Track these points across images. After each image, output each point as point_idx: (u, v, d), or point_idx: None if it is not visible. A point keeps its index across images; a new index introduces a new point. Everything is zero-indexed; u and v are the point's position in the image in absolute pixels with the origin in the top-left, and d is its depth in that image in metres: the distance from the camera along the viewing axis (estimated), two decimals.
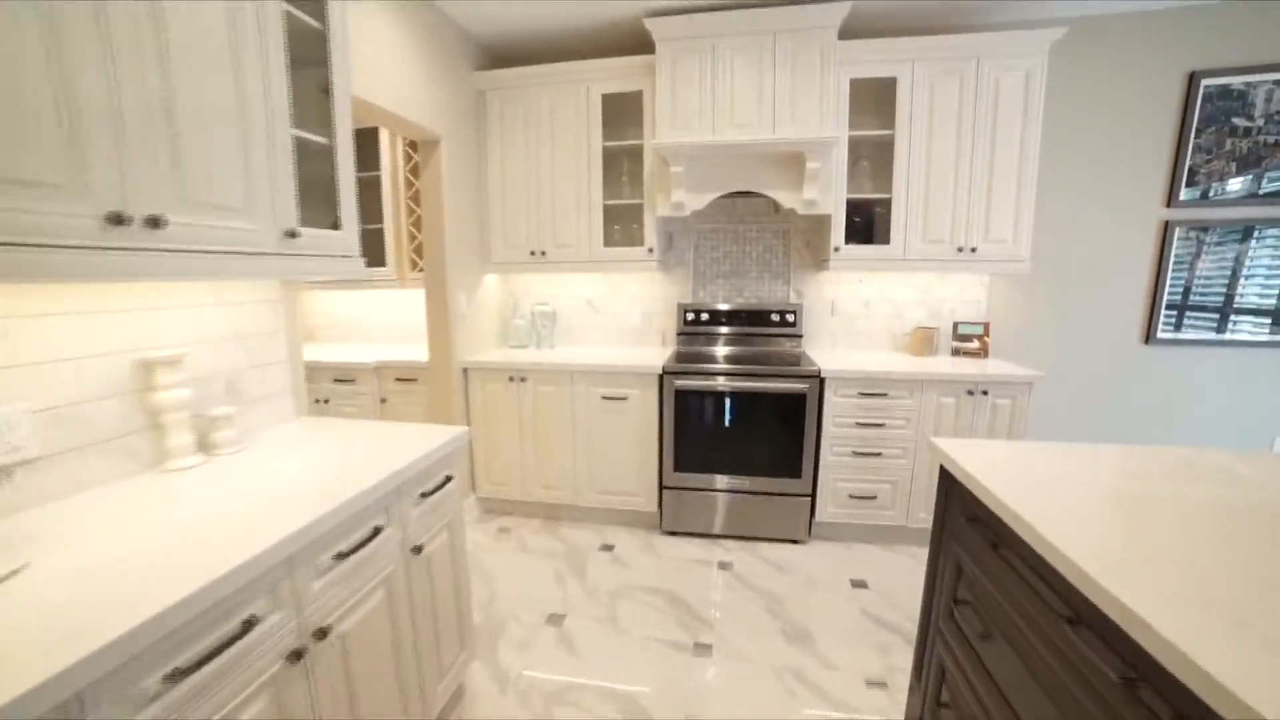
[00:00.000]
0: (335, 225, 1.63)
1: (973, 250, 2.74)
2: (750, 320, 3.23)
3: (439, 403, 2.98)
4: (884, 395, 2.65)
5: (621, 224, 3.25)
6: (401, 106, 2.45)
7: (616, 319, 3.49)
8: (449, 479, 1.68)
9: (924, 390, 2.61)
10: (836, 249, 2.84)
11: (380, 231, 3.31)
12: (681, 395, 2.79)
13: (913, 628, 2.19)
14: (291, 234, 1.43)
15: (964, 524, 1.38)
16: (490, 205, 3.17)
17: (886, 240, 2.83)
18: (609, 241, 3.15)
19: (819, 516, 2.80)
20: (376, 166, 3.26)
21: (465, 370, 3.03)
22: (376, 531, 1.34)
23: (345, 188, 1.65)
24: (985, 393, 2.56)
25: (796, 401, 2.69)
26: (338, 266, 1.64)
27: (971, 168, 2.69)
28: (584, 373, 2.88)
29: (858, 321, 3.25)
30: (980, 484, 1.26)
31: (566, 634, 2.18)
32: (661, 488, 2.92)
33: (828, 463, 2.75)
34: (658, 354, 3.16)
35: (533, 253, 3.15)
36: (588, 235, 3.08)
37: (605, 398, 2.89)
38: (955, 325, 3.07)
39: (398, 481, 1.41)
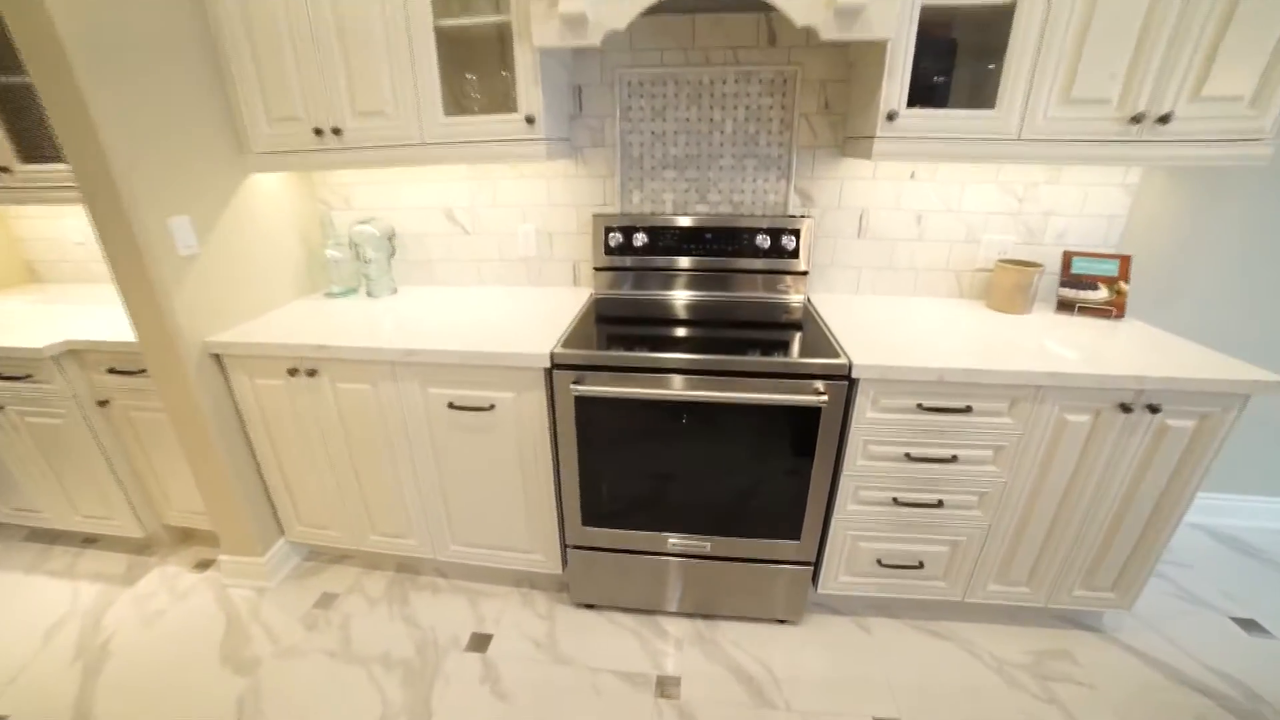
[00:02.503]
0: None
1: (1161, 120, 1.34)
2: (719, 245, 1.85)
3: (178, 410, 1.66)
4: (965, 410, 1.41)
5: (476, 69, 1.70)
6: None
7: (497, 242, 2.05)
8: None
9: (1041, 401, 1.38)
10: (891, 115, 1.42)
11: (29, 90, 1.73)
12: (587, 407, 1.52)
13: None
14: None
15: None
16: (224, 38, 1.59)
17: (989, 101, 1.40)
18: (454, 105, 1.64)
19: (823, 586, 1.69)
20: None
21: (218, 357, 1.69)
22: None
23: None
24: (1155, 409, 1.34)
25: (803, 420, 1.45)
26: None
27: None
28: (410, 364, 1.55)
29: (901, 248, 1.89)
30: None
31: None
32: (565, 546, 1.77)
33: (847, 514, 1.57)
34: (565, 302, 1.81)
35: (318, 131, 1.65)
36: (412, 94, 1.57)
37: (455, 406, 1.60)
38: (1068, 258, 1.76)
39: None
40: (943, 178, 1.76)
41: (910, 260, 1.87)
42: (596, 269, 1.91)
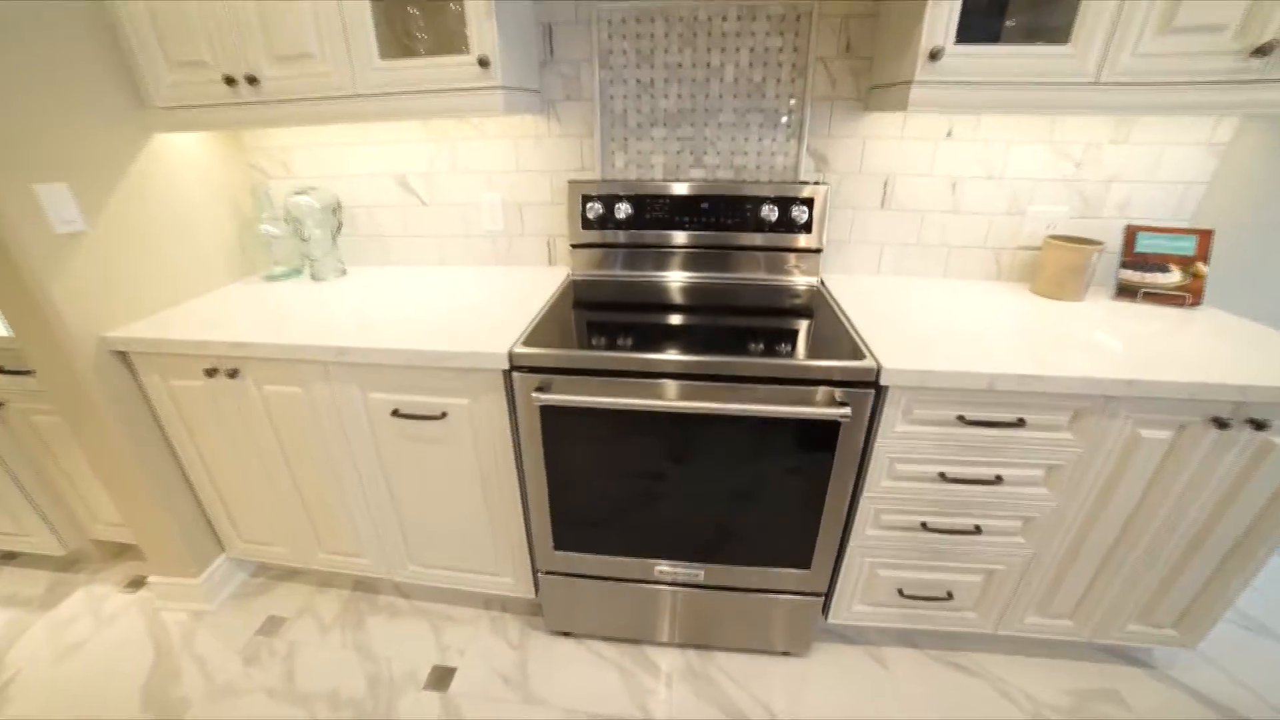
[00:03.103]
0: None
1: None
2: (717, 217, 1.55)
3: (74, 415, 1.37)
4: (1016, 424, 1.14)
5: (420, 2, 1.40)
6: None
7: (459, 215, 1.73)
8: None
9: (1112, 414, 1.12)
10: (935, 54, 1.10)
11: None
12: (555, 417, 1.26)
13: None
14: None
15: None
16: None
17: (1060, 35, 1.09)
18: (394, 45, 1.32)
19: (834, 616, 1.45)
20: None
21: (125, 355, 1.42)
22: None
23: None
24: (1260, 425, 1.07)
25: (818, 435, 1.18)
26: None
27: None
28: (345, 365, 1.26)
29: (932, 222, 1.59)
30: None
31: None
32: (536, 572, 1.53)
33: (865, 539, 1.32)
34: (537, 286, 1.51)
35: (230, 80, 1.33)
36: (340, 32, 1.25)
37: (400, 414, 1.34)
38: (1131, 234, 1.47)
39: None
40: (985, 135, 1.45)
41: (942, 235, 1.58)
42: (574, 246, 1.61)
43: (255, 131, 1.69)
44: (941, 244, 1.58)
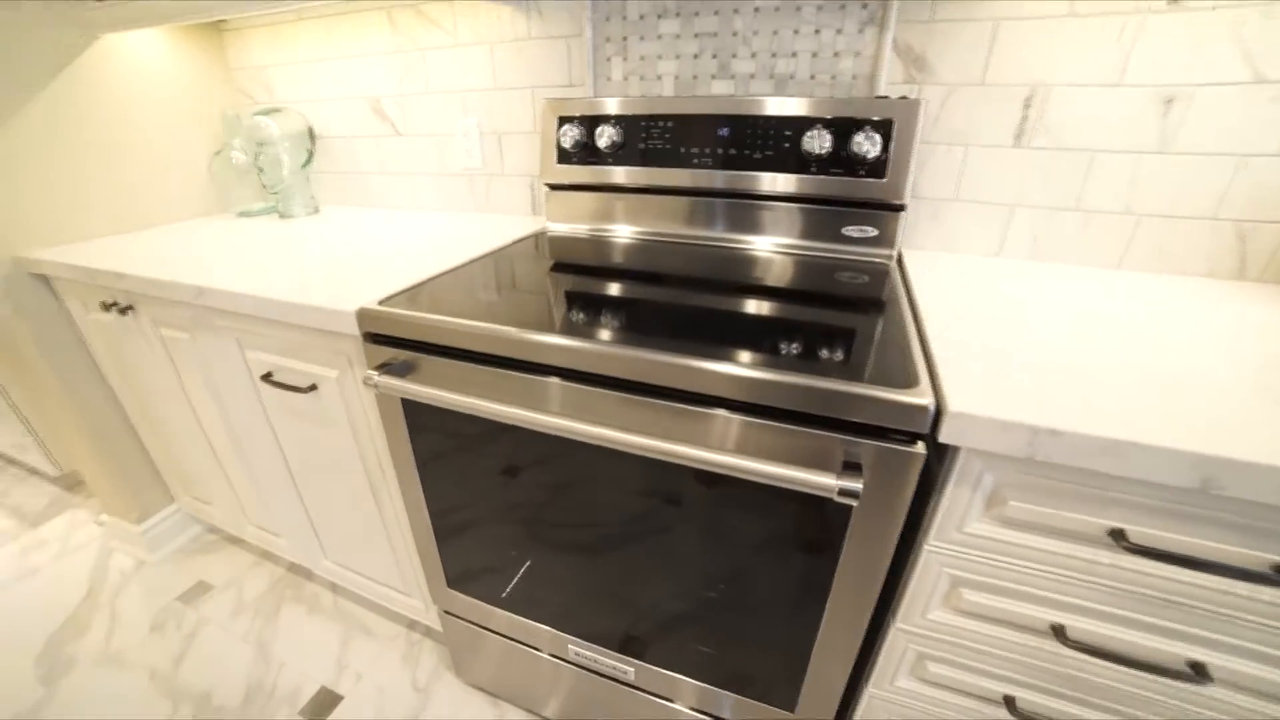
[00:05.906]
0: None
1: None
2: (739, 149, 0.98)
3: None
4: (1264, 576, 0.53)
5: None
6: None
7: (434, 147, 1.34)
8: None
9: None
10: None
11: None
12: (421, 414, 0.84)
13: None
14: None
15: None
16: None
17: None
18: None
19: None
20: None
21: (48, 280, 1.24)
22: None
23: None
24: None
25: (807, 512, 0.63)
26: None
27: None
28: (216, 311, 0.95)
29: (1108, 168, 0.88)
30: None
31: None
32: (442, 610, 1.14)
33: (895, 691, 0.73)
34: (496, 240, 1.07)
35: None
36: None
37: (271, 381, 1.00)
38: None
39: None
40: None
41: (1128, 195, 0.89)
42: (549, 187, 1.18)
43: (236, 47, 1.45)
44: (1125, 210, 0.89)
